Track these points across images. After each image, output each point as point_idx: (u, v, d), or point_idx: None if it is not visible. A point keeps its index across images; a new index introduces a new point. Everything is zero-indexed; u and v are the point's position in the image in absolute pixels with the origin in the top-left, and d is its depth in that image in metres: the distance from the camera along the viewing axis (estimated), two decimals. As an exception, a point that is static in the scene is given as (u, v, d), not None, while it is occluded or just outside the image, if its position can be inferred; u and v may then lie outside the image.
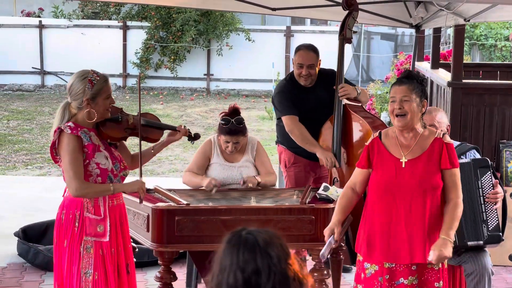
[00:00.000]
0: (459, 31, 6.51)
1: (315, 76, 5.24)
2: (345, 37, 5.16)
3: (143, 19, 17.88)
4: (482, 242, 4.01)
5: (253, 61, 17.97)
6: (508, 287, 5.50)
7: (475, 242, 4.01)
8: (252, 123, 13.97)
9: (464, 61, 7.28)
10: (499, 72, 8.62)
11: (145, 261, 5.62)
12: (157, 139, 4.07)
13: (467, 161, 4.05)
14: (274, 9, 6.17)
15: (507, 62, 15.89)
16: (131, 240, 4.37)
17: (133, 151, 4.20)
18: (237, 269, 2.17)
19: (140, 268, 5.56)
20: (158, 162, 10.30)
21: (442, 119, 4.21)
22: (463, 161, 4.04)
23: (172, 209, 3.99)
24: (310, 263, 4.53)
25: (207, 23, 17.47)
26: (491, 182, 4.01)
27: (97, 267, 3.66)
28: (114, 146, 3.89)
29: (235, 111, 4.71)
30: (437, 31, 7.61)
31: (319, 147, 5.09)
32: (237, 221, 3.98)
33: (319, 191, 4.42)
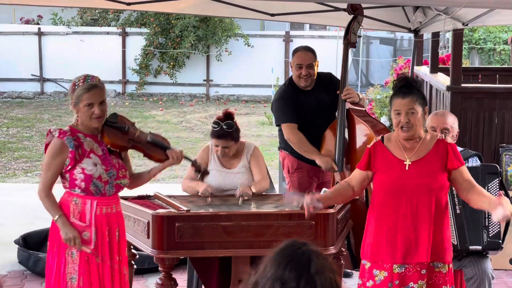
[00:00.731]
0: (458, 35, 6.52)
1: (315, 76, 5.24)
2: (349, 42, 5.19)
3: (142, 26, 17.89)
4: (481, 247, 4.02)
5: (253, 66, 17.98)
6: (509, 291, 5.50)
7: (474, 246, 4.01)
8: (251, 128, 13.98)
9: (463, 65, 7.28)
10: (498, 76, 8.62)
11: (145, 267, 5.62)
12: (159, 159, 4.04)
13: (476, 165, 4.06)
14: (273, 15, 6.18)
15: (506, 66, 15.89)
16: (131, 246, 4.38)
17: (135, 170, 4.19)
18: (278, 280, 2.10)
19: (140, 275, 5.56)
20: (158, 168, 10.29)
21: (454, 124, 4.22)
22: (472, 165, 4.05)
23: (172, 216, 3.99)
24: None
25: (206, 29, 17.49)
26: (498, 189, 4.01)
27: (82, 273, 3.63)
28: (118, 155, 3.86)
29: (228, 116, 4.70)
30: (435, 35, 7.62)
31: (317, 153, 5.09)
32: (238, 227, 3.98)
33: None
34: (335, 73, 5.72)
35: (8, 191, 8.72)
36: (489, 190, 3.99)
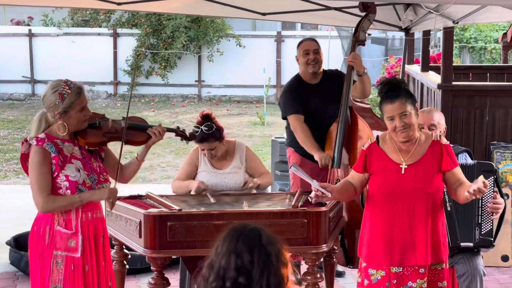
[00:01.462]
0: (448, 33, 6.54)
1: (321, 63, 5.34)
2: (357, 39, 5.23)
3: (133, 26, 17.87)
4: (472, 244, 4.02)
5: (244, 66, 17.99)
6: (501, 287, 5.52)
7: (465, 243, 4.02)
8: (243, 128, 13.98)
9: (454, 64, 7.31)
10: (488, 74, 8.66)
11: (138, 267, 5.61)
12: (141, 141, 3.91)
13: (472, 163, 4.06)
14: (264, 14, 6.18)
15: (497, 64, 15.95)
16: (124, 246, 4.37)
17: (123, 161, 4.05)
18: (232, 253, 2.19)
19: (133, 274, 5.55)
20: (150, 169, 10.29)
21: (441, 120, 4.22)
22: (463, 161, 4.05)
23: (164, 215, 3.97)
24: (303, 266, 4.53)
25: (197, 30, 17.49)
26: (493, 187, 4.01)
27: (66, 283, 3.55)
28: (99, 157, 3.78)
29: (206, 118, 4.66)
30: (426, 33, 7.64)
31: (316, 149, 5.12)
32: (230, 225, 3.96)
33: (311, 194, 4.42)
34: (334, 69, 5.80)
35: (-1, 192, 8.70)
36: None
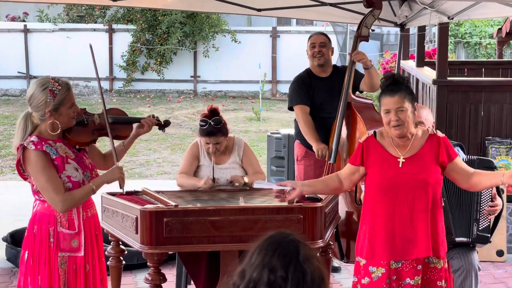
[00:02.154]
0: (443, 29, 6.55)
1: (329, 57, 5.44)
2: (360, 35, 5.25)
3: (128, 22, 17.85)
4: (469, 240, 4.04)
5: (240, 62, 17.99)
6: (496, 282, 5.54)
7: (462, 238, 4.04)
8: (239, 124, 13.99)
9: (449, 59, 7.32)
10: (483, 69, 8.68)
11: (134, 263, 5.62)
12: (127, 135, 3.92)
13: (473, 158, 4.09)
14: (259, 10, 6.18)
15: (492, 59, 15.98)
16: (120, 242, 4.38)
17: (104, 150, 4.04)
18: (266, 268, 2.06)
19: (129, 270, 5.56)
20: (146, 164, 10.28)
21: (428, 116, 4.24)
22: (469, 157, 4.08)
23: (160, 211, 3.98)
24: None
25: (193, 25, 17.47)
26: None
27: (70, 283, 3.54)
28: (84, 151, 3.73)
29: (213, 112, 4.71)
30: (421, 29, 7.65)
31: (315, 140, 5.20)
32: (226, 221, 3.97)
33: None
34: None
35: (-5, 189, 8.69)
36: None
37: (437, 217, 3.59)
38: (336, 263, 5.50)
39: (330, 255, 4.78)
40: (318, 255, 2.23)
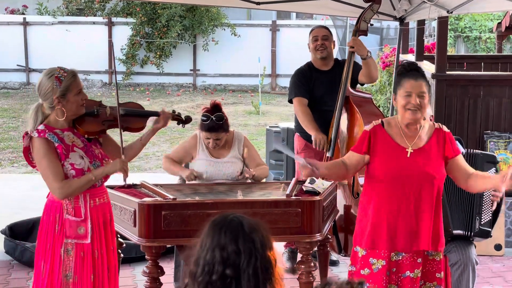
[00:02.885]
0: (443, 23, 6.54)
1: (331, 50, 5.42)
2: (358, 29, 5.26)
3: (128, 15, 17.82)
4: (472, 233, 4.04)
5: (239, 56, 17.97)
6: (493, 276, 5.55)
7: (464, 231, 4.03)
8: (238, 118, 13.98)
9: (448, 53, 7.31)
10: (483, 63, 8.66)
11: (132, 256, 5.62)
12: (139, 127, 3.92)
13: (477, 152, 4.09)
14: (258, 3, 6.17)
15: (491, 54, 15.97)
16: (118, 236, 4.38)
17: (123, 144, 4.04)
18: (217, 247, 2.19)
19: (127, 263, 5.57)
20: (145, 158, 10.29)
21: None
22: (474, 151, 4.08)
23: (158, 204, 3.99)
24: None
25: (192, 19, 17.45)
26: None
27: (77, 270, 3.57)
28: (98, 143, 3.79)
29: (216, 107, 4.71)
30: (421, 23, 7.64)
31: (315, 129, 5.18)
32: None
33: (305, 184, 4.45)
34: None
35: (-6, 181, 8.69)
36: None
37: (439, 211, 3.60)
38: (334, 256, 5.51)
39: (328, 248, 4.79)
40: (262, 223, 2.30)
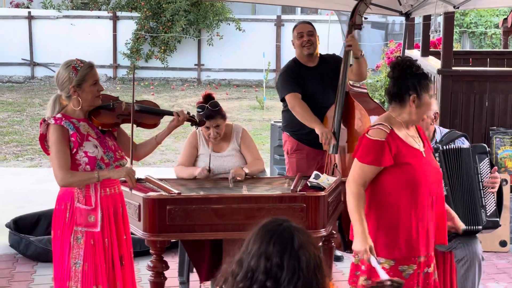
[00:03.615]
0: (449, 18, 6.52)
1: (316, 46, 5.36)
2: (354, 23, 5.25)
3: (133, 10, 17.81)
4: (481, 227, 4.03)
5: (244, 50, 17.94)
6: (498, 272, 5.54)
7: (474, 227, 4.02)
8: (243, 112, 13.97)
9: (454, 49, 7.29)
10: (489, 59, 8.64)
11: (137, 250, 5.61)
12: (152, 124, 3.97)
13: (466, 146, 4.06)
14: (263, -2, 6.17)
15: (497, 49, 15.91)
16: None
17: (138, 141, 4.12)
18: (262, 255, 2.12)
19: (132, 258, 5.57)
20: (149, 152, 10.29)
21: (433, 105, 4.21)
22: (462, 146, 4.06)
23: (163, 199, 3.99)
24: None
25: (197, 13, 17.43)
26: (489, 168, 4.03)
27: (87, 258, 3.63)
28: (112, 135, 3.85)
29: (208, 97, 4.72)
30: (426, 18, 7.62)
31: (318, 123, 5.08)
32: (229, 209, 3.98)
33: (310, 179, 4.44)
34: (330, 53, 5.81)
35: (-1, 175, 8.71)
36: (481, 170, 4.01)
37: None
38: (338, 252, 5.50)
39: (333, 243, 4.78)
40: (314, 240, 2.21)
